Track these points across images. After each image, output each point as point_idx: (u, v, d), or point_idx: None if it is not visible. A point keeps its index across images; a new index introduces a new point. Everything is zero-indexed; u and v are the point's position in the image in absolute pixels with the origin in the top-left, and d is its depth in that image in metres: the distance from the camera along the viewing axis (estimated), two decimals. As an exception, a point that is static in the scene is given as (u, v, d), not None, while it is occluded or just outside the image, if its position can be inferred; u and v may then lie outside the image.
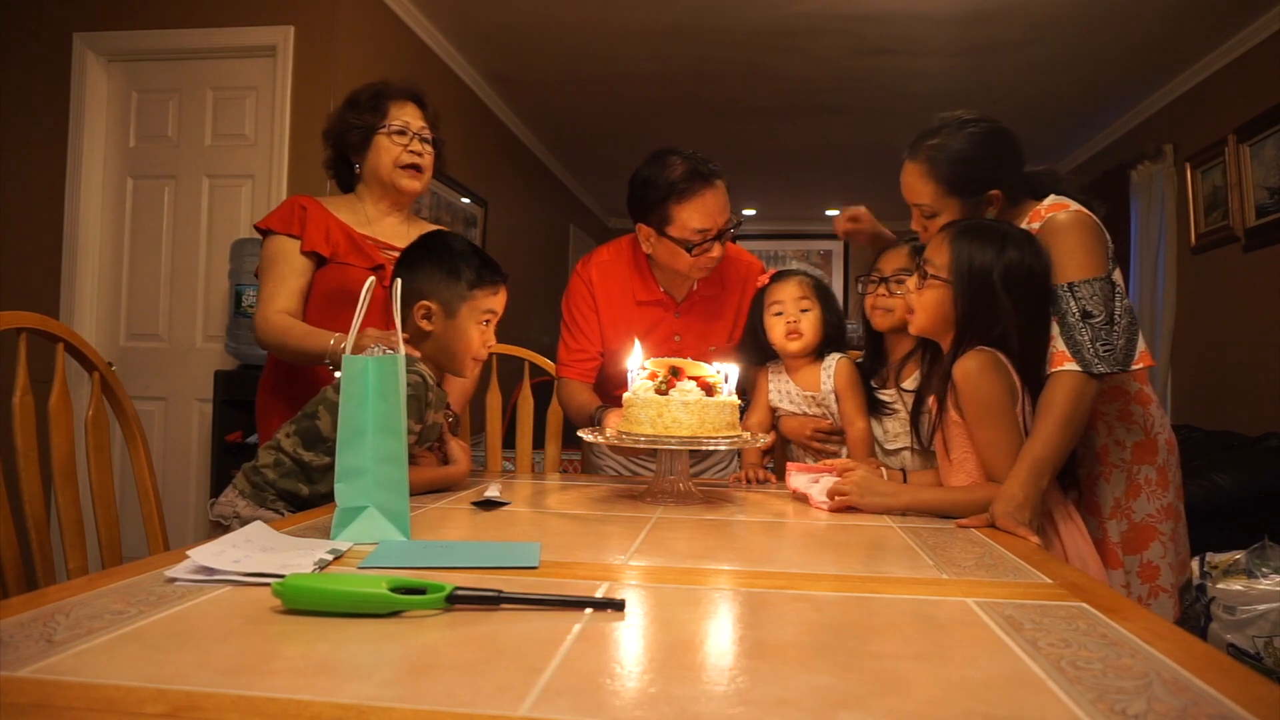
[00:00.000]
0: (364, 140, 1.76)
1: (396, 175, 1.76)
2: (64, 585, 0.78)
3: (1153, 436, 1.49)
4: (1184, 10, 3.57)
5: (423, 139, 1.78)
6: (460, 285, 1.49)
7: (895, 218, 1.78)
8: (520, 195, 5.55)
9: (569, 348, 1.93)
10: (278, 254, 1.70)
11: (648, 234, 1.82)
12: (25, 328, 1.25)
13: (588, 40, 4.05)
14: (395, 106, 1.77)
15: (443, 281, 1.48)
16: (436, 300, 1.48)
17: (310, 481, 1.38)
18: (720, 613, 0.78)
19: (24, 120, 3.30)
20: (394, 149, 1.75)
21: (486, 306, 1.52)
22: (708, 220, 1.75)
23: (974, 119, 1.49)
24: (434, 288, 1.48)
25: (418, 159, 1.77)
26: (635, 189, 1.81)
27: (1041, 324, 1.37)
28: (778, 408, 1.82)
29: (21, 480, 1.19)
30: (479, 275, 1.50)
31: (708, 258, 1.79)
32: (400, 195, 1.80)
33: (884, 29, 3.84)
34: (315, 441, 1.39)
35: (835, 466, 1.48)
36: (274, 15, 3.19)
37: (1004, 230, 1.40)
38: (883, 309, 1.69)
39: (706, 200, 1.75)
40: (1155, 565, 1.46)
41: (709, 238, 1.76)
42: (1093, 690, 0.57)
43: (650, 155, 1.82)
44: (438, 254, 1.51)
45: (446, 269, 1.49)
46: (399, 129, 1.75)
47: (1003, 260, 1.34)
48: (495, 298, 1.54)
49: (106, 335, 3.32)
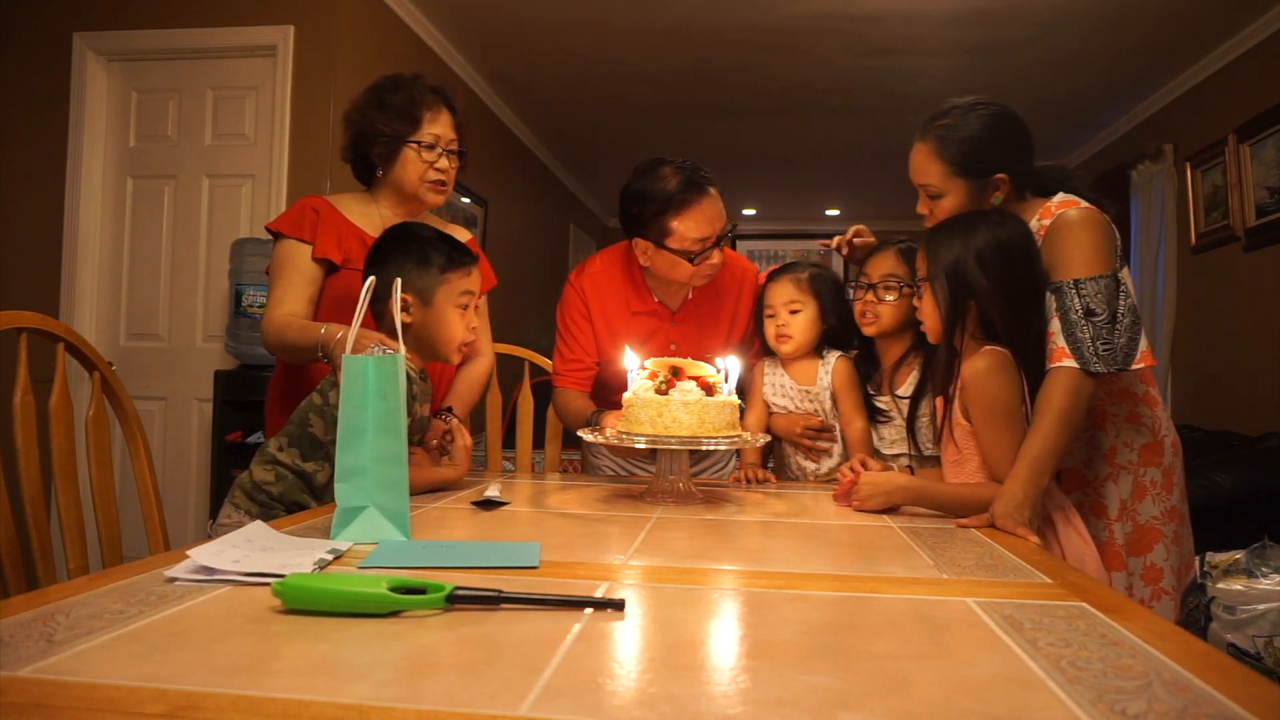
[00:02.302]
0: (391, 150, 1.69)
1: (423, 190, 1.71)
2: (64, 585, 0.78)
3: (1159, 439, 1.49)
4: (1184, 10, 3.57)
5: (450, 152, 1.73)
6: (432, 271, 1.46)
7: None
8: (520, 195, 5.55)
9: (564, 357, 1.92)
10: (288, 259, 1.66)
11: (645, 247, 1.78)
12: (26, 328, 1.25)
13: (588, 40, 4.05)
14: (429, 117, 1.69)
15: (415, 270, 1.46)
16: (411, 290, 1.45)
17: (314, 494, 1.37)
18: (720, 613, 0.78)
19: (24, 120, 3.31)
20: (421, 165, 1.69)
21: (463, 288, 1.49)
22: (707, 229, 1.73)
23: (985, 102, 1.49)
24: (407, 279, 1.45)
25: (443, 175, 1.72)
26: (629, 204, 1.77)
27: (1022, 294, 1.36)
28: (769, 402, 1.82)
29: (21, 480, 1.19)
30: (449, 259, 1.48)
31: (709, 265, 1.77)
32: (421, 206, 1.77)
33: (884, 29, 3.84)
34: (313, 449, 1.38)
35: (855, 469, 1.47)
36: (274, 15, 3.19)
37: (971, 215, 1.40)
38: (871, 316, 1.68)
39: (704, 209, 1.73)
40: (1158, 568, 1.46)
41: (709, 245, 1.75)
42: (1092, 690, 0.57)
43: (639, 168, 1.78)
44: (405, 244, 1.48)
45: (416, 258, 1.46)
46: (429, 144, 1.69)
47: (974, 243, 1.34)
48: (470, 278, 1.51)
49: (106, 335, 3.32)
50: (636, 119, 5.20)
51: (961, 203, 1.47)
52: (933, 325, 1.42)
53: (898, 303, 1.64)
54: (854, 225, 1.83)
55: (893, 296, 1.65)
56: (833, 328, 1.76)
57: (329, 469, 1.37)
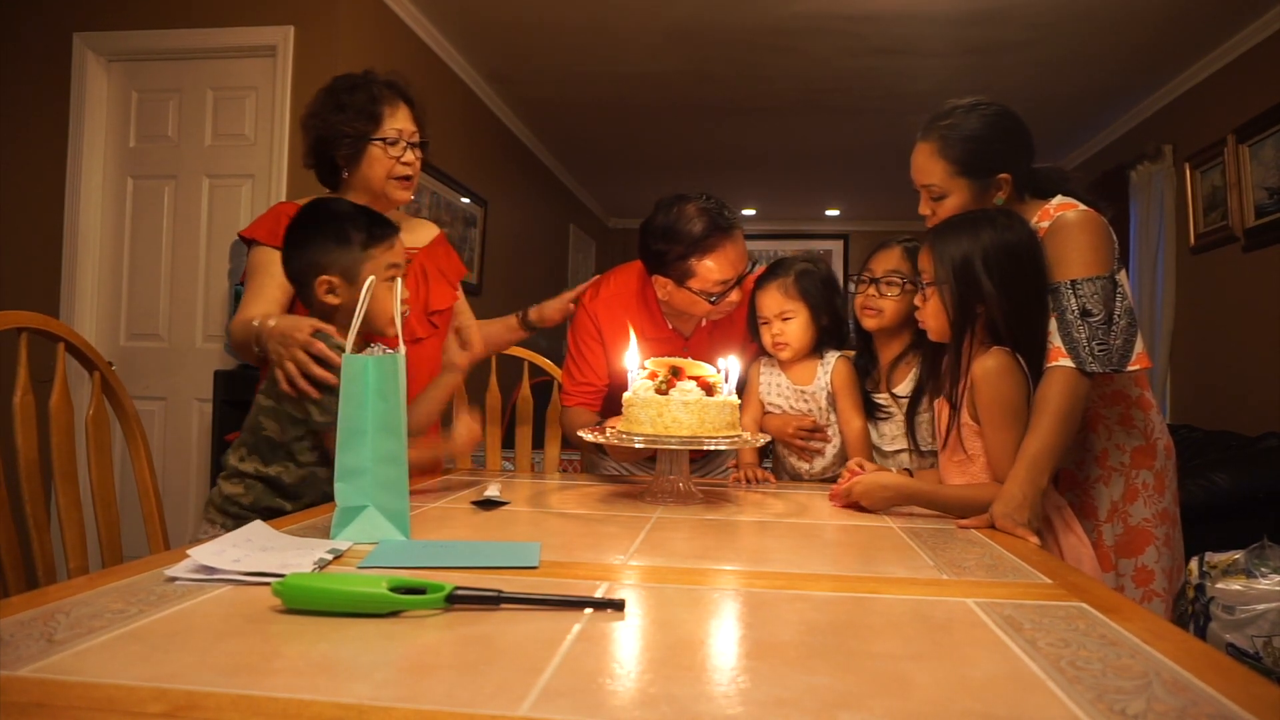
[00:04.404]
0: (355, 151, 1.68)
1: (390, 187, 1.71)
2: (64, 585, 0.78)
3: (1152, 442, 1.49)
4: (1184, 10, 3.57)
5: (413, 145, 1.72)
6: (354, 249, 1.42)
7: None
8: (520, 195, 5.55)
9: (574, 379, 1.91)
10: (262, 265, 1.64)
11: (665, 284, 1.77)
12: (26, 328, 1.25)
13: (588, 40, 4.05)
14: (388, 112, 1.69)
15: (336, 250, 1.41)
16: (335, 271, 1.41)
17: (286, 495, 1.37)
18: (720, 613, 0.78)
19: (24, 120, 3.30)
20: (387, 161, 1.68)
21: (387, 261, 1.45)
22: (730, 271, 1.72)
23: (986, 102, 1.49)
24: (329, 259, 1.41)
25: (409, 169, 1.72)
26: (651, 241, 1.74)
27: (1025, 297, 1.35)
28: (764, 401, 1.81)
29: (21, 480, 1.19)
30: (370, 233, 1.43)
31: (727, 303, 1.77)
32: (388, 203, 1.75)
33: (884, 29, 3.84)
34: (273, 452, 1.36)
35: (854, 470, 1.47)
36: (274, 15, 3.19)
37: (976, 216, 1.40)
38: (873, 310, 1.68)
39: (728, 252, 1.71)
40: (1149, 570, 1.47)
41: (730, 286, 1.74)
42: (1092, 690, 0.57)
43: (664, 204, 1.75)
44: (323, 223, 1.43)
45: (335, 237, 1.41)
46: (392, 139, 1.68)
47: (981, 243, 1.34)
48: (393, 251, 1.47)
49: (106, 335, 3.32)
50: (636, 119, 5.20)
51: (964, 203, 1.47)
52: (937, 326, 1.41)
53: (900, 298, 1.64)
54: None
55: (895, 292, 1.65)
56: (827, 327, 1.76)
57: (293, 467, 1.36)
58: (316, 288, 1.41)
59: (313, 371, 1.31)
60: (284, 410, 1.35)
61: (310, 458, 1.37)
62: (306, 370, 1.31)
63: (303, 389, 1.31)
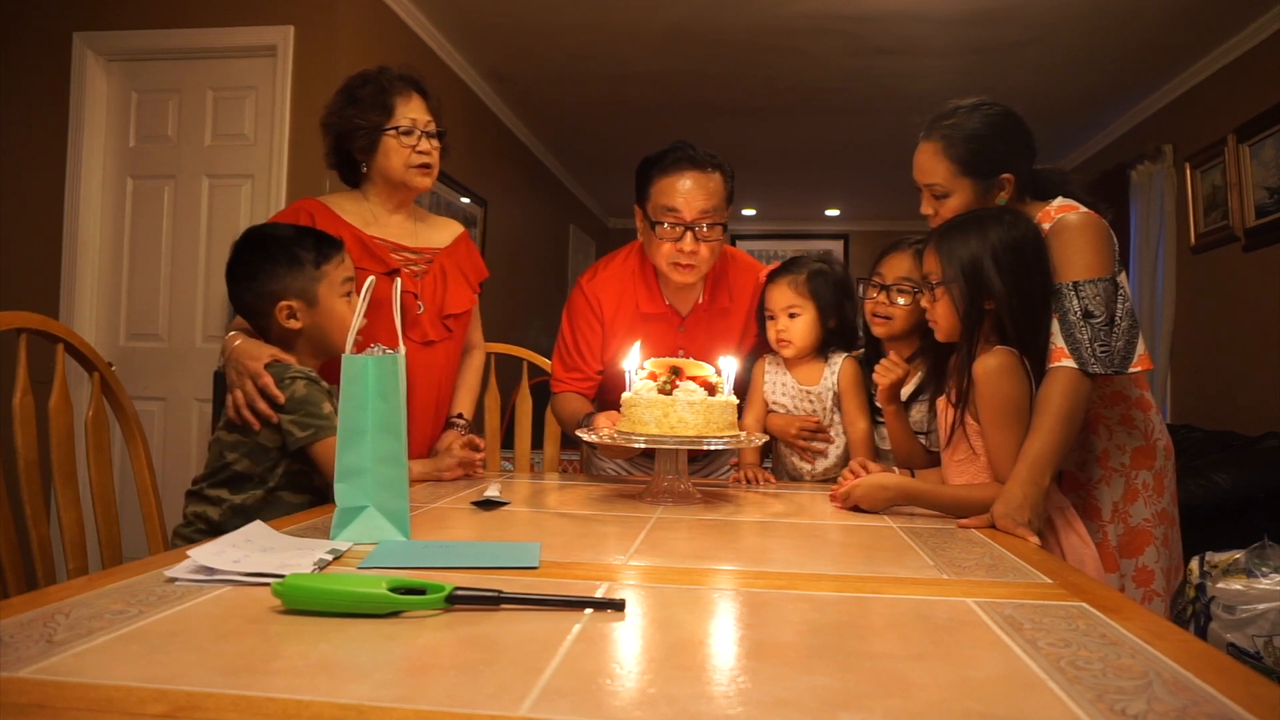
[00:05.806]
0: (371, 142, 1.70)
1: (409, 175, 1.72)
2: (64, 585, 0.78)
3: (1152, 442, 1.49)
4: (1184, 10, 3.57)
5: (428, 134, 1.73)
6: (307, 270, 1.42)
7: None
8: (520, 195, 5.54)
9: (566, 365, 1.87)
10: None
11: (641, 224, 1.78)
12: (25, 328, 1.25)
13: (588, 40, 4.05)
14: (400, 103, 1.70)
15: (288, 274, 1.41)
16: (293, 295, 1.41)
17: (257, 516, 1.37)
18: (720, 613, 0.78)
19: (24, 120, 3.30)
20: (403, 151, 1.70)
21: (342, 277, 1.46)
22: (678, 199, 1.68)
23: (988, 102, 1.49)
24: (283, 285, 1.41)
25: (427, 158, 1.73)
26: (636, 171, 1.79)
27: (1033, 294, 1.35)
28: (768, 400, 1.80)
29: (21, 480, 1.19)
30: (319, 252, 1.44)
31: (677, 249, 1.70)
32: (410, 193, 1.77)
33: (884, 29, 3.84)
34: (242, 484, 1.36)
35: (855, 472, 1.47)
36: (274, 15, 3.19)
37: (982, 214, 1.40)
38: (883, 318, 1.66)
39: (684, 180, 1.68)
40: (1149, 570, 1.47)
41: (680, 223, 1.69)
42: (1092, 690, 0.57)
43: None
44: (270, 250, 1.43)
45: (286, 261, 1.42)
46: (406, 129, 1.70)
47: (989, 242, 1.34)
48: (345, 265, 1.48)
49: (106, 335, 3.32)
50: (636, 119, 5.20)
51: (967, 202, 1.47)
52: (947, 326, 1.40)
53: (911, 306, 1.62)
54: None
55: (906, 300, 1.63)
56: (834, 330, 1.75)
57: (262, 492, 1.36)
58: (277, 314, 1.41)
59: (257, 405, 1.34)
60: (255, 442, 1.35)
61: (280, 482, 1.38)
62: (252, 403, 1.34)
63: (246, 419, 1.34)
